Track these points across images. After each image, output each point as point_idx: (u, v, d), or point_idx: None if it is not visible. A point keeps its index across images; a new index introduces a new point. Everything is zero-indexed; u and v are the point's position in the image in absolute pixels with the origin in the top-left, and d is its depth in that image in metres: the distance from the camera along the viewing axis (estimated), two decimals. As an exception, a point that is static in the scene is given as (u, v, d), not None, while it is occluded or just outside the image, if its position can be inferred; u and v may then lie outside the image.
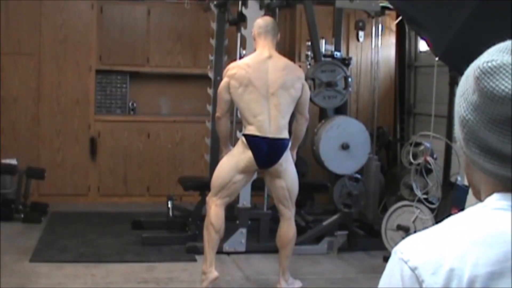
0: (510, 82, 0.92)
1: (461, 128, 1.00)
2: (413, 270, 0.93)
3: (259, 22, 4.53)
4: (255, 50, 4.53)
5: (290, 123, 4.49)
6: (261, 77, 4.32)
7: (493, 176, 0.97)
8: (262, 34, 4.44)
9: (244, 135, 4.39)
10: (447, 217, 1.00)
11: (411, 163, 5.43)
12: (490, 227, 0.92)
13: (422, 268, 0.92)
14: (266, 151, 4.32)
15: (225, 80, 4.39)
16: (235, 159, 4.40)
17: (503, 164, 0.95)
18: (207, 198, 4.53)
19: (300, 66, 5.23)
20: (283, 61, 4.45)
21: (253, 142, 4.32)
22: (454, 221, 0.97)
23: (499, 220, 0.93)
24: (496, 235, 0.91)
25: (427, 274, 0.92)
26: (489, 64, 0.94)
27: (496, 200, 0.96)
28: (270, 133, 4.32)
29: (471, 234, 0.92)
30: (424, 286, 0.92)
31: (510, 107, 0.91)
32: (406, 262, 0.94)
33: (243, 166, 4.36)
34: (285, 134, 4.38)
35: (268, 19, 4.59)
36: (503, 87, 0.92)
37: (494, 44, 0.99)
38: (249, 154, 4.32)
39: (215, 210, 4.39)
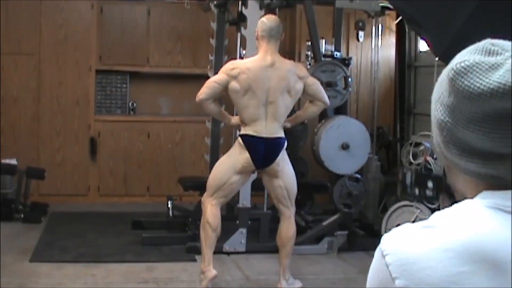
0: (484, 79, 0.93)
1: (439, 131, 1.01)
2: (387, 266, 0.93)
3: (264, 23, 4.45)
4: (257, 48, 4.52)
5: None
6: (262, 85, 4.31)
7: (476, 176, 0.98)
8: (266, 38, 4.40)
9: (241, 136, 4.40)
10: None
11: (411, 163, 5.43)
12: (473, 225, 0.92)
13: (395, 265, 0.93)
14: (263, 151, 4.33)
15: (223, 76, 4.34)
16: (232, 160, 4.41)
17: (485, 162, 0.96)
18: (203, 198, 4.54)
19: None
20: (285, 66, 4.39)
21: (250, 142, 4.34)
22: (437, 218, 0.96)
23: (482, 219, 0.93)
24: (477, 234, 0.91)
25: (399, 271, 0.92)
26: (462, 64, 0.95)
27: (483, 198, 0.96)
28: (266, 134, 4.35)
29: (449, 232, 0.92)
30: (396, 283, 0.92)
31: (486, 104, 0.92)
32: (384, 257, 0.94)
33: (240, 167, 4.37)
34: (280, 133, 4.40)
35: (273, 20, 4.49)
36: (478, 84, 0.93)
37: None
38: (246, 155, 4.33)
39: (211, 210, 4.41)
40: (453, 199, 1.08)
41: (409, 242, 0.93)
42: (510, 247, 0.89)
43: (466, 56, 0.97)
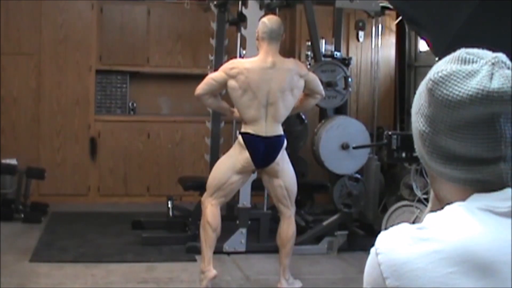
0: (462, 86, 0.95)
1: (422, 142, 1.02)
2: (379, 265, 0.94)
3: (265, 25, 4.42)
4: (257, 49, 4.52)
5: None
6: (263, 86, 4.31)
7: (463, 182, 0.99)
8: (266, 39, 4.38)
9: (241, 134, 4.40)
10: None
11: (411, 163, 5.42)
12: (463, 227, 0.93)
13: (386, 265, 0.94)
14: (263, 149, 4.33)
15: (222, 74, 4.36)
16: (232, 159, 4.41)
17: (471, 168, 0.97)
18: (203, 198, 4.54)
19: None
20: (287, 66, 4.39)
21: (250, 140, 4.34)
22: (430, 220, 0.97)
23: (472, 221, 0.94)
24: (468, 236, 0.91)
25: (389, 271, 0.93)
26: (440, 74, 0.97)
27: (473, 201, 0.97)
28: (266, 133, 4.35)
29: (441, 234, 0.93)
30: (387, 283, 0.92)
31: (466, 110, 0.94)
32: (377, 256, 0.96)
33: (240, 167, 4.37)
34: (280, 132, 4.40)
35: (274, 22, 4.45)
36: (456, 92, 0.95)
37: (494, 43, 1.00)
38: (246, 154, 4.33)
39: (211, 210, 4.41)
40: None
41: (402, 242, 0.94)
42: (500, 247, 0.90)
43: (443, 66, 0.98)
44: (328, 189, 5.89)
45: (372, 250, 0.97)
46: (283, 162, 4.43)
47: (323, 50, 5.78)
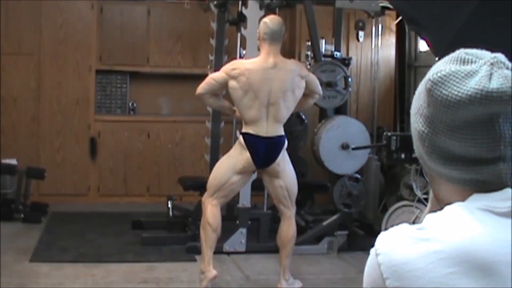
0: (461, 86, 0.95)
1: (421, 142, 1.02)
2: (379, 266, 0.94)
3: (266, 26, 4.40)
4: (258, 49, 4.52)
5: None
6: (264, 87, 4.31)
7: (462, 183, 0.99)
8: (267, 40, 4.38)
9: (242, 134, 4.40)
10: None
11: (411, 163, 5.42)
12: (463, 228, 0.93)
13: (386, 265, 0.94)
14: (263, 150, 4.34)
15: (223, 75, 4.37)
16: (233, 160, 4.41)
17: (470, 168, 0.97)
18: (203, 198, 4.54)
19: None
20: (288, 66, 4.40)
21: (251, 140, 4.34)
22: (430, 220, 0.97)
23: (472, 221, 0.94)
24: (467, 236, 0.91)
25: (389, 271, 0.93)
26: (439, 74, 0.97)
27: (473, 201, 0.97)
28: (266, 134, 4.36)
29: (440, 234, 0.93)
30: (387, 283, 0.92)
31: (465, 111, 0.94)
32: (377, 256, 0.96)
33: (240, 168, 4.37)
34: (281, 131, 4.40)
35: (275, 23, 4.42)
36: (455, 93, 0.95)
37: (494, 43, 1.00)
38: (246, 155, 4.33)
39: (211, 210, 4.41)
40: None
41: (402, 243, 0.94)
42: (500, 248, 0.90)
43: (442, 67, 0.98)
44: (328, 189, 5.89)
45: (372, 250, 0.97)
46: (284, 162, 4.43)
47: (323, 50, 5.78)
